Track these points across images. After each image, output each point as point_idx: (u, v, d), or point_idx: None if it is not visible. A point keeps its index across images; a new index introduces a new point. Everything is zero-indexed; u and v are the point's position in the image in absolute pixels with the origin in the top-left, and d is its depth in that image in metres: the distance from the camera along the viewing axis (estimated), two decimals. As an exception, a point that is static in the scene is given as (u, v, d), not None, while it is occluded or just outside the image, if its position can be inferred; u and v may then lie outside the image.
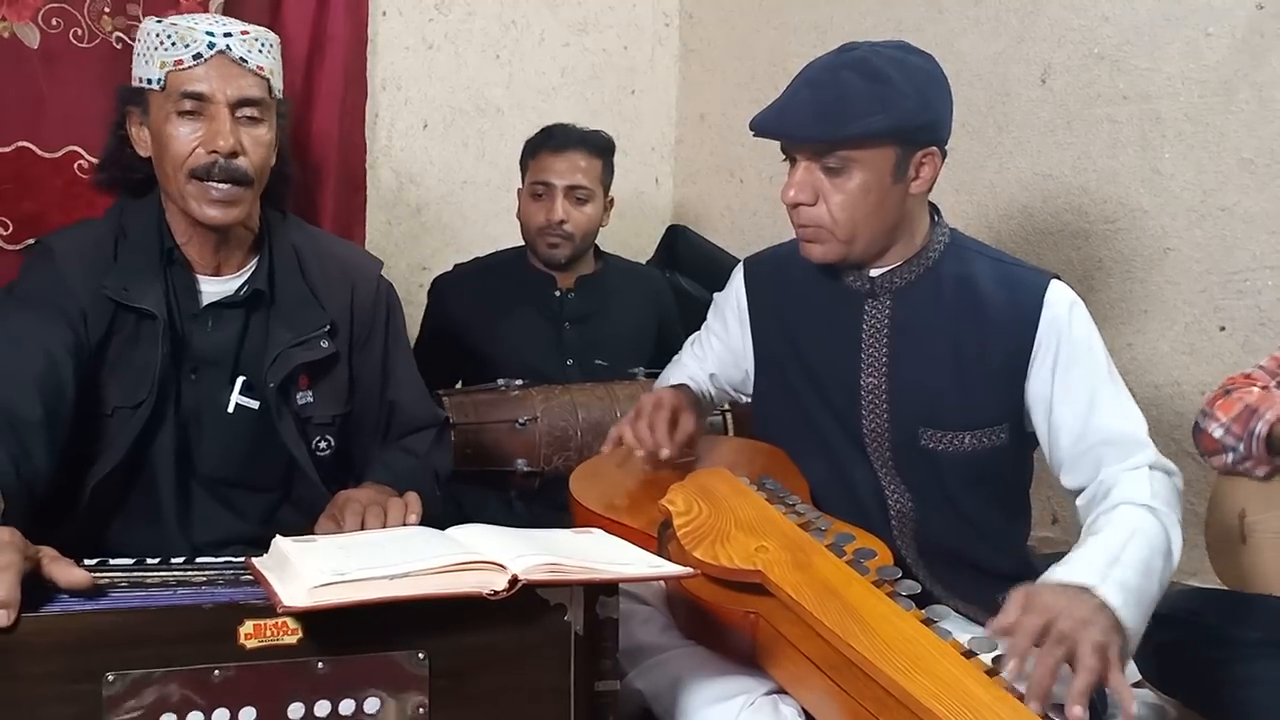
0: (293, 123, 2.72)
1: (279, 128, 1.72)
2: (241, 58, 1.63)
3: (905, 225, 1.64)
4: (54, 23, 2.41)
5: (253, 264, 1.76)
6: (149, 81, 1.65)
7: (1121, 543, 1.42)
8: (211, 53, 1.62)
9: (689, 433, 1.75)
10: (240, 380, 1.73)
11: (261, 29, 1.69)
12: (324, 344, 1.76)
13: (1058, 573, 1.38)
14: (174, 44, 1.62)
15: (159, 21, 1.66)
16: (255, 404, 1.73)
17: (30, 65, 2.41)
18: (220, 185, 1.63)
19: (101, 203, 1.83)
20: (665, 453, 1.70)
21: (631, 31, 3.42)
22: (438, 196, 3.15)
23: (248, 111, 1.65)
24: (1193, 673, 1.62)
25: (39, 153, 2.44)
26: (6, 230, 2.43)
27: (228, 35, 1.63)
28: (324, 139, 2.81)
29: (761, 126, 1.60)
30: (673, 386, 1.85)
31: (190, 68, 1.62)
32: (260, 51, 1.66)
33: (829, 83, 1.55)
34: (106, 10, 2.46)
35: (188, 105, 1.63)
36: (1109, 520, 1.48)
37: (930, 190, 1.66)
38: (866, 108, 1.52)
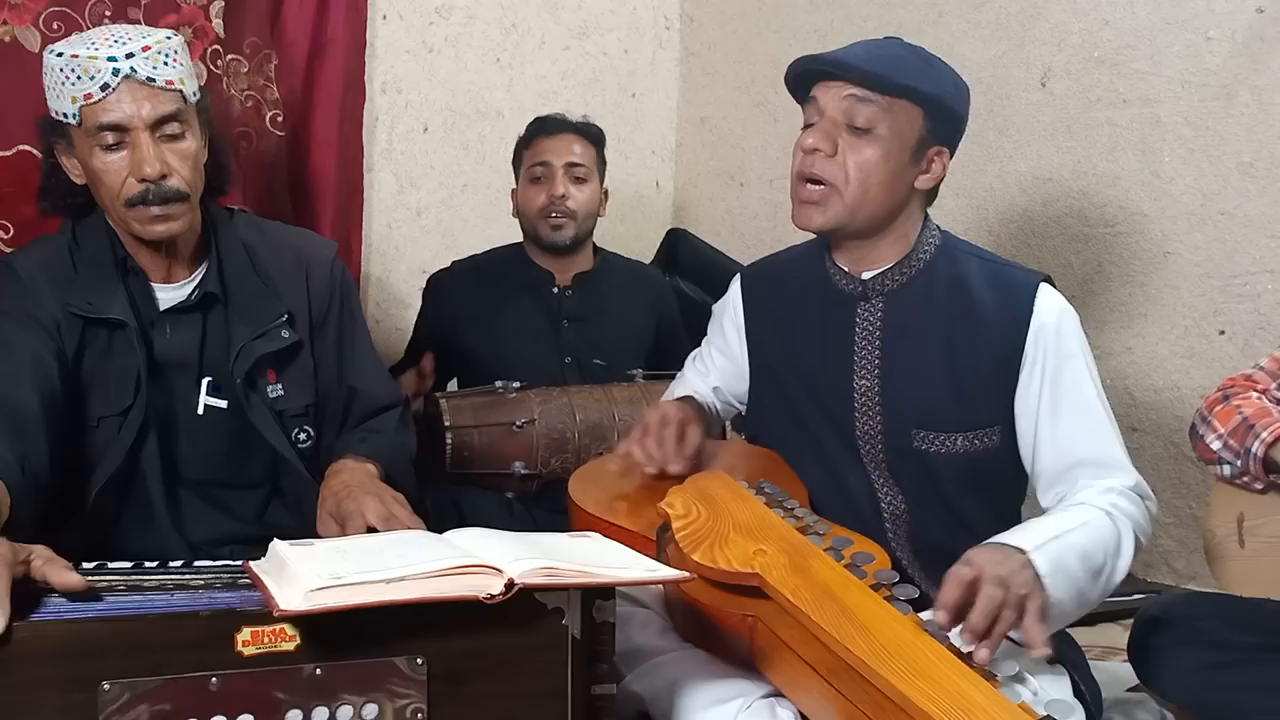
0: (292, 127, 2.75)
1: (203, 123, 1.71)
2: (149, 77, 1.61)
3: (901, 222, 1.65)
4: (55, 26, 2.41)
5: (203, 267, 1.76)
6: (65, 116, 1.63)
7: (1067, 528, 1.47)
8: (118, 80, 1.59)
9: (696, 446, 1.75)
10: (206, 382, 1.74)
11: (161, 36, 1.66)
12: (284, 334, 1.76)
13: (999, 537, 1.43)
14: (79, 77, 1.60)
15: (59, 55, 1.62)
16: (224, 403, 1.74)
17: (32, 69, 2.38)
18: (156, 207, 1.63)
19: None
20: (675, 468, 1.70)
21: (632, 35, 3.42)
22: (438, 200, 3.15)
23: (168, 130, 1.64)
24: (1191, 677, 1.62)
25: (41, 157, 2.44)
26: (8, 234, 2.43)
27: (130, 57, 1.60)
28: (323, 143, 2.81)
29: (812, 60, 1.60)
30: (677, 399, 1.85)
31: (101, 100, 1.60)
32: (166, 64, 1.63)
33: (881, 44, 1.65)
34: (108, 14, 2.45)
35: (109, 138, 1.61)
36: (1063, 509, 1.54)
37: (933, 192, 1.67)
38: (917, 70, 1.59)
